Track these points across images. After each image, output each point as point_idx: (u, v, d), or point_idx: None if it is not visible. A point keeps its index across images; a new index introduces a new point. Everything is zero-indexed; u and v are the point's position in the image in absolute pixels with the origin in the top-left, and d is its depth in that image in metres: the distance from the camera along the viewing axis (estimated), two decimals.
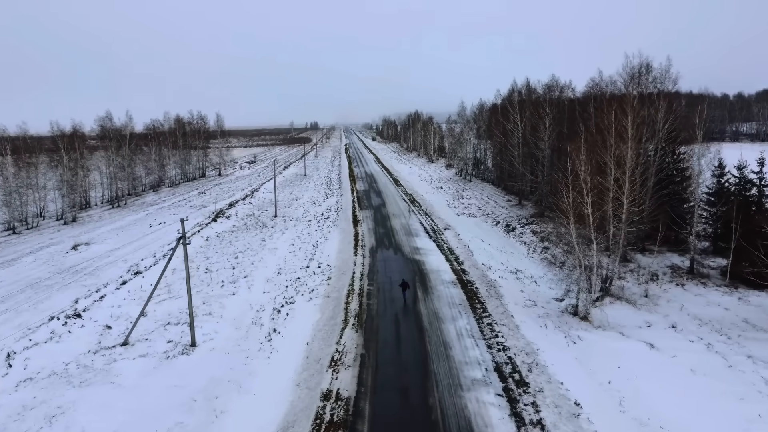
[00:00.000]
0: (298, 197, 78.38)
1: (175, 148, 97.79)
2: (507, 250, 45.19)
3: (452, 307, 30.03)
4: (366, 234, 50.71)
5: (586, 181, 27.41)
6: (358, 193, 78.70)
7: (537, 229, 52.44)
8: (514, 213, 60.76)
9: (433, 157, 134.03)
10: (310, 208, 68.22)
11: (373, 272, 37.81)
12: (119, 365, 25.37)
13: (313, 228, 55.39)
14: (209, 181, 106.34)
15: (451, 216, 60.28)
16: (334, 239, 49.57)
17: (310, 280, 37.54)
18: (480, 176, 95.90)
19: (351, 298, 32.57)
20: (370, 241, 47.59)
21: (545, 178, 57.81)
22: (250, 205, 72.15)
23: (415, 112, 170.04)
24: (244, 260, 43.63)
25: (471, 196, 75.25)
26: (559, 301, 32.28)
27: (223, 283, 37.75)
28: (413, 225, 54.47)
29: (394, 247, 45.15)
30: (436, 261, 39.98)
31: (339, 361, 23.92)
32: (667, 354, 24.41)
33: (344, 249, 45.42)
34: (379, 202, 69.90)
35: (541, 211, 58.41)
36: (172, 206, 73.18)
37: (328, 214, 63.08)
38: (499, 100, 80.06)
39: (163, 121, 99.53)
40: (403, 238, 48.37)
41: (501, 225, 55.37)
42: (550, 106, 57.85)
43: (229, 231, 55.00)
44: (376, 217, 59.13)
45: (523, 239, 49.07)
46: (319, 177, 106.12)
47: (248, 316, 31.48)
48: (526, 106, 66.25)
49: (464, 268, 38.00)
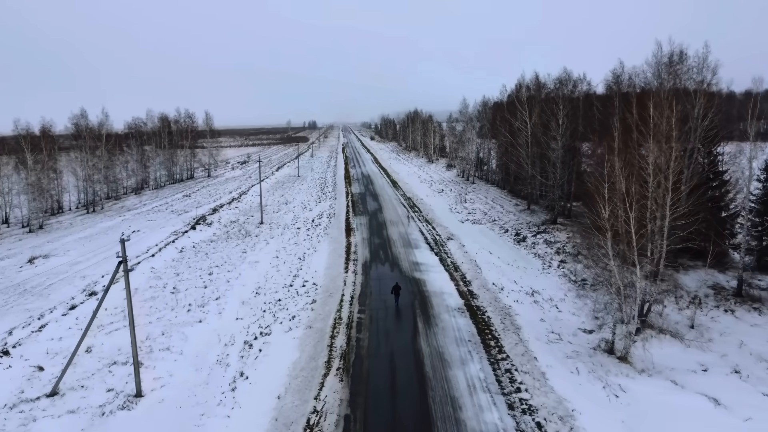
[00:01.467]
0: (289, 201, 72.86)
1: (160, 148, 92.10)
2: (519, 264, 39.73)
3: (460, 344, 24.54)
4: (359, 245, 45.20)
5: (630, 191, 21.92)
6: (353, 197, 73.18)
7: (550, 238, 47.01)
8: (524, 219, 55.31)
9: (433, 157, 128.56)
10: (300, 214, 62.73)
11: (365, 294, 32.33)
12: (38, 427, 19.92)
13: (301, 237, 49.91)
14: (197, 182, 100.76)
15: (454, 223, 54.80)
16: (324, 251, 44.09)
17: (292, 303, 32.10)
18: (483, 178, 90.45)
19: (337, 329, 27.09)
20: (363, 254, 42.08)
21: (558, 181, 52.36)
22: (236, 210, 66.64)
23: (415, 111, 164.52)
24: (219, 277, 38.18)
25: (475, 199, 69.77)
26: (588, 333, 26.85)
27: (191, 307, 32.31)
28: (412, 234, 48.98)
29: (390, 261, 39.65)
30: (440, 280, 34.49)
31: (315, 426, 18.44)
32: (738, 415, 18.97)
33: (334, 263, 39.95)
34: (376, 207, 64.39)
35: (554, 218, 52.99)
36: (152, 211, 67.64)
37: (320, 221, 57.61)
38: (505, 96, 74.58)
39: (146, 119, 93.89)
40: (401, 250, 42.86)
41: (510, 234, 49.90)
42: (564, 101, 52.34)
43: (208, 241, 49.49)
44: (372, 225, 53.62)
45: (536, 251, 43.62)
46: (313, 178, 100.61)
47: (214, 352, 26.03)
48: (536, 103, 60.81)
49: (472, 290, 32.51)
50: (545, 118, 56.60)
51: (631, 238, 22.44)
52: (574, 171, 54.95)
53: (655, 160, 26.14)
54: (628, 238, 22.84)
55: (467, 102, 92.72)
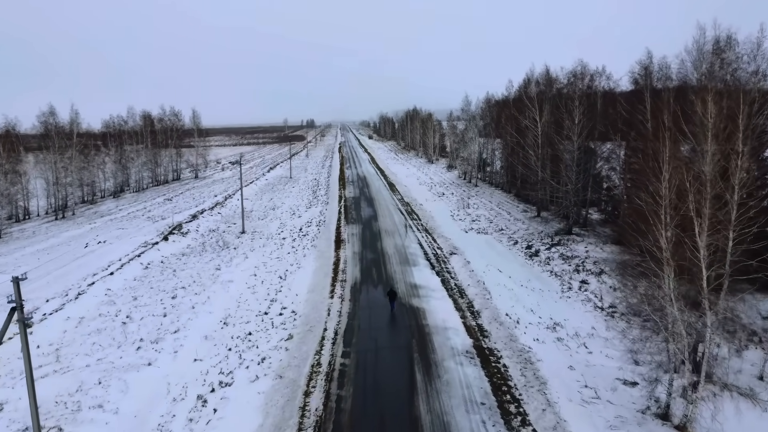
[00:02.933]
0: (277, 206, 67.21)
1: (140, 145, 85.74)
2: (534, 286, 34.14)
3: (471, 409, 18.94)
4: (349, 261, 39.57)
5: (702, 212, 16.31)
6: (347, 201, 67.52)
7: (567, 252, 41.45)
8: (534, 229, 49.72)
9: (432, 157, 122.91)
10: (287, 221, 57.10)
11: (351, 329, 26.72)
12: None
13: (285, 250, 44.29)
14: (183, 184, 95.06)
15: (457, 233, 49.19)
16: (309, 268, 38.49)
17: (264, 339, 26.54)
18: (487, 180, 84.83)
19: (314, 382, 21.47)
20: (353, 273, 36.45)
21: (573, 186, 46.78)
22: (218, 216, 61.00)
23: (414, 109, 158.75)
24: (184, 301, 32.62)
25: (479, 204, 64.15)
26: (630, 386, 21.28)
27: (142, 343, 26.75)
28: (410, 247, 43.34)
29: (384, 283, 34.00)
30: (443, 310, 28.86)
31: None
32: None
33: (318, 285, 34.35)
34: (370, 214, 58.73)
35: (569, 228, 47.43)
36: (126, 217, 61.96)
37: (308, 230, 51.99)
38: (512, 91, 68.94)
39: (126, 117, 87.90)
40: (397, 268, 37.21)
41: (520, 246, 44.29)
42: (580, 98, 46.75)
43: (180, 254, 43.87)
44: (365, 236, 47.95)
45: (552, 268, 38.05)
46: (305, 180, 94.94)
47: (156, 413, 20.46)
48: (547, 99, 55.23)
49: (482, 324, 26.89)
50: (558, 115, 51.08)
51: (701, 274, 16.83)
52: (591, 175, 49.49)
53: (713, 167, 20.55)
54: (695, 273, 17.24)
55: (469, 99, 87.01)
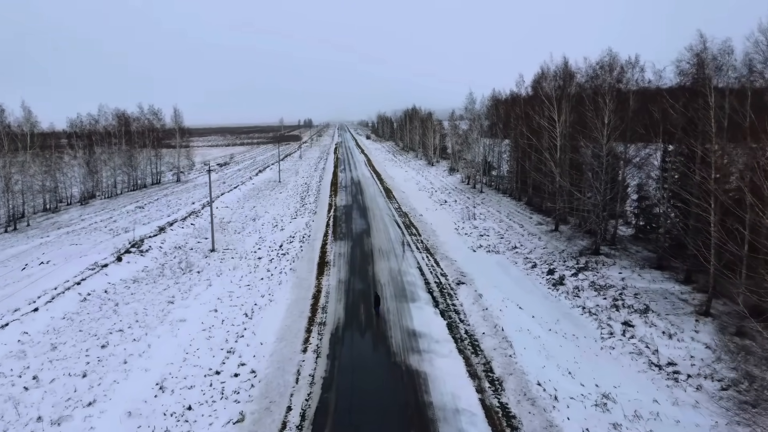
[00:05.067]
0: (259, 215, 59.75)
1: (112, 145, 78.03)
2: (566, 329, 26.77)
3: None
4: (332, 294, 32.06)
5: None
6: (337, 211, 60.04)
7: (598, 279, 34.14)
8: (553, 247, 42.35)
9: (433, 159, 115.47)
10: (267, 235, 49.67)
11: (325, 410, 19.24)
12: None
13: (258, 274, 36.90)
14: (162, 189, 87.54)
15: (463, 252, 41.78)
16: (282, 302, 31.07)
17: (205, 420, 19.16)
18: (493, 185, 77.41)
19: None
20: (335, 313, 28.92)
21: (603, 196, 39.41)
22: (190, 227, 53.57)
23: (413, 108, 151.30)
24: (116, 351, 25.26)
25: (486, 215, 56.75)
26: None
27: (37, 426, 19.33)
28: (408, 274, 35.86)
29: (374, 330, 26.47)
30: (452, 376, 21.34)
31: None
32: None
33: (290, 329, 26.91)
34: (363, 228, 51.24)
35: (596, 247, 40.04)
36: (86, 229, 54.47)
37: (289, 247, 44.56)
38: (522, 88, 61.53)
39: (98, 116, 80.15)
40: (392, 305, 29.69)
41: (540, 270, 36.95)
42: (611, 93, 39.36)
43: (131, 280, 36.45)
44: (354, 257, 40.41)
45: (583, 301, 30.71)
46: (295, 185, 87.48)
47: None
48: (566, 96, 47.89)
49: (507, 403, 19.43)
50: (581, 114, 43.81)
51: None
52: (622, 184, 42.17)
53: None
54: None
55: (474, 96, 79.54)
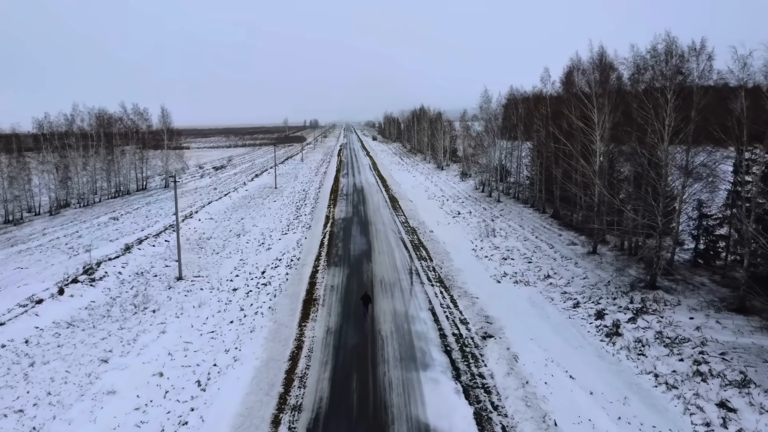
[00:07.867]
0: (246, 230, 52.03)
1: (89, 148, 70.56)
2: (642, 416, 18.75)
3: None
4: (316, 354, 24.03)
5: None
6: (334, 226, 52.17)
7: (666, 329, 26.02)
8: (596, 276, 34.28)
9: (443, 162, 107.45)
10: (250, 256, 41.94)
11: None
12: None
13: (229, 315, 29.12)
14: (146, 196, 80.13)
15: (486, 284, 33.77)
16: (249, 363, 23.21)
17: None
18: (511, 193, 69.30)
19: None
20: (318, 388, 20.89)
21: (662, 216, 31.29)
22: (162, 245, 46.02)
23: (421, 108, 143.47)
24: None
25: (507, 230, 48.71)
26: None
27: None
28: (418, 319, 27.81)
29: (368, 423, 18.51)
30: None
31: None
32: None
33: (251, 416, 19.01)
34: (363, 248, 43.27)
35: (652, 278, 31.92)
36: (42, 247, 46.98)
37: (273, 274, 36.80)
38: (549, 84, 53.44)
39: (72, 115, 72.50)
40: (395, 378, 21.59)
41: (585, 311, 28.91)
42: (672, 88, 31.26)
43: (66, 323, 28.78)
44: (349, 292, 32.31)
45: (652, 363, 22.68)
46: (292, 191, 79.80)
47: None
48: (607, 91, 39.82)
49: None
50: (625, 114, 35.87)
51: None
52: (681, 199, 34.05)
53: None
54: None
55: (489, 94, 71.35)
